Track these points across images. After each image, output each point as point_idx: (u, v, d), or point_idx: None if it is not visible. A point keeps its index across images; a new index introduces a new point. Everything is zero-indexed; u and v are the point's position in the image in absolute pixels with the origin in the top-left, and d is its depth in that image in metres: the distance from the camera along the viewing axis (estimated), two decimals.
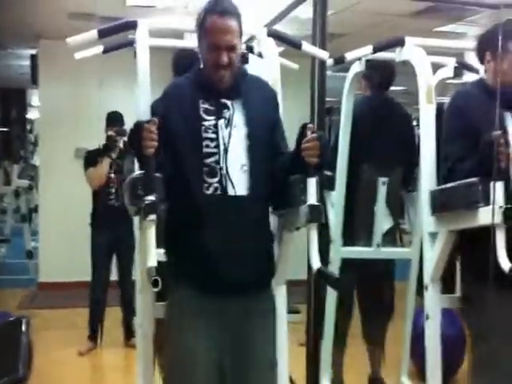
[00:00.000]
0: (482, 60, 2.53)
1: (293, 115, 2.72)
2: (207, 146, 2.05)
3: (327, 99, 3.33)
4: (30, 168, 10.36)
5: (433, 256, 2.47)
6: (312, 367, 3.29)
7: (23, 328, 3.63)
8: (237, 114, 2.11)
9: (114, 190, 4.98)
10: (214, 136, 2.06)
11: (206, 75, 2.13)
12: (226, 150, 2.06)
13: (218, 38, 2.04)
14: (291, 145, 2.13)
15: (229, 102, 2.12)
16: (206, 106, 2.10)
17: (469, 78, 2.80)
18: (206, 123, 2.07)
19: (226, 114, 2.10)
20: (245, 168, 2.07)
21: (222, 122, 2.08)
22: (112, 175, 4.98)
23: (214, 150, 2.05)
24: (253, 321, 2.12)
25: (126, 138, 4.68)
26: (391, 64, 3.41)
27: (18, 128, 12.49)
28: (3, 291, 6.71)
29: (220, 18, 2.04)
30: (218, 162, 2.04)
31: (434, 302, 2.48)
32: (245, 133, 2.09)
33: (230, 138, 2.07)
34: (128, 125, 3.07)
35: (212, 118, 2.08)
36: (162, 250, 2.14)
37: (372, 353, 3.76)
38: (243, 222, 2.06)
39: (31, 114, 13.33)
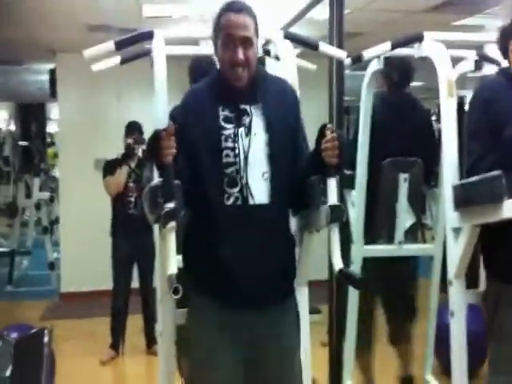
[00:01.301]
0: (505, 50, 2.48)
1: (311, 115, 2.70)
2: (227, 156, 2.03)
3: (345, 98, 3.32)
4: (51, 180, 10.43)
5: (457, 251, 2.43)
6: (335, 367, 3.26)
7: (45, 339, 3.64)
8: (256, 120, 2.07)
9: (133, 199, 5.00)
10: (233, 145, 2.03)
11: (223, 78, 2.10)
12: (246, 159, 2.03)
13: (233, 32, 2.02)
14: (311, 145, 2.11)
15: (248, 107, 2.09)
16: (226, 113, 2.07)
17: (489, 70, 2.76)
18: (226, 132, 2.04)
19: (246, 120, 2.07)
20: (266, 176, 2.04)
21: (241, 130, 2.05)
22: (131, 184, 5.01)
23: (235, 160, 2.02)
24: (275, 332, 2.09)
25: (144, 147, 4.69)
26: (408, 61, 3.39)
27: (38, 142, 12.59)
28: (26, 303, 6.78)
29: (235, 14, 2.03)
30: (238, 172, 2.02)
31: (459, 298, 2.44)
32: (265, 140, 2.06)
33: (250, 146, 2.04)
34: (147, 134, 3.08)
35: (231, 125, 2.05)
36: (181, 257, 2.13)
37: (400, 352, 3.70)
38: (264, 231, 2.03)
39: (51, 128, 13.46)
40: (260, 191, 2.02)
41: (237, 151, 2.03)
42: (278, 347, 2.10)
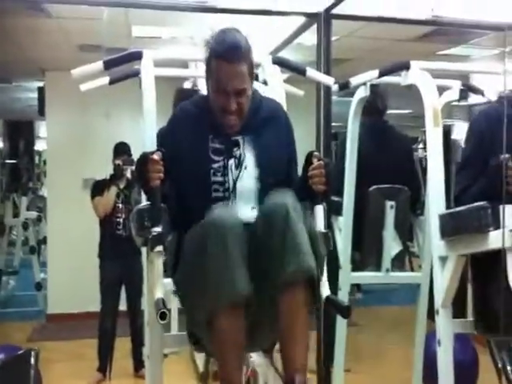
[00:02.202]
0: None
1: (299, 141, 2.70)
2: (216, 191, 2.02)
3: (333, 124, 3.34)
4: (39, 199, 10.39)
5: (443, 280, 2.44)
6: None
7: (32, 361, 3.60)
8: (247, 153, 2.06)
9: (121, 220, 4.97)
10: (222, 179, 2.02)
11: (214, 113, 2.06)
12: (235, 194, 2.02)
13: (226, 84, 1.97)
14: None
15: (239, 138, 2.07)
16: (216, 145, 2.05)
17: (474, 100, 2.79)
18: (215, 165, 2.03)
19: (237, 152, 2.06)
20: (255, 210, 2.01)
21: (231, 163, 2.04)
22: (119, 205, 4.98)
23: (223, 194, 2.02)
24: None
25: (133, 168, 4.68)
26: (384, 88, 3.43)
27: (25, 160, 12.54)
28: (12, 324, 6.69)
29: (228, 65, 1.96)
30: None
31: (446, 327, 2.44)
32: (255, 175, 2.05)
33: (239, 179, 2.03)
34: (135, 154, 3.07)
35: (221, 157, 2.04)
36: (169, 280, 2.11)
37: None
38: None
39: (39, 146, 13.41)
40: (248, 225, 1.95)
41: (226, 185, 2.02)
42: None
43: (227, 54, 1.96)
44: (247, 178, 2.04)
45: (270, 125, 2.13)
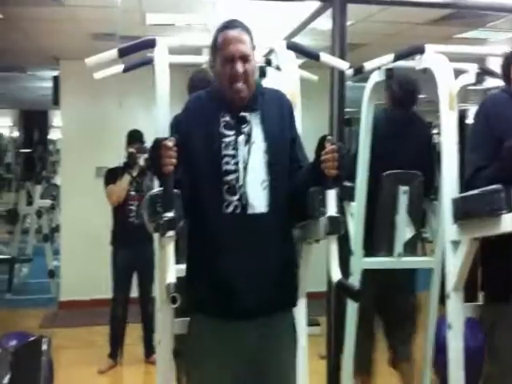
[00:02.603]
0: (507, 74, 2.51)
1: (312, 127, 2.70)
2: (227, 163, 2.04)
3: (347, 110, 3.32)
4: (52, 188, 10.44)
5: (455, 264, 2.42)
6: (333, 380, 3.24)
7: (44, 347, 3.64)
8: (255, 129, 2.10)
9: (134, 208, 4.99)
10: (233, 153, 2.05)
11: (223, 93, 2.12)
12: (245, 168, 2.05)
13: (232, 48, 2.06)
14: (310, 157, 2.12)
15: (247, 115, 2.11)
16: (227, 119, 2.09)
17: (491, 83, 2.76)
18: (227, 139, 2.07)
19: (245, 129, 2.09)
20: (265, 184, 2.05)
21: (241, 138, 2.07)
22: (132, 193, 5.01)
23: (234, 168, 2.04)
24: (271, 342, 2.10)
25: (146, 156, 4.69)
26: (414, 82, 3.40)
27: (40, 149, 12.62)
28: (25, 311, 6.76)
29: (231, 31, 2.08)
30: (237, 180, 2.03)
31: (457, 311, 2.43)
32: (264, 148, 2.08)
33: (249, 154, 2.06)
34: (148, 143, 3.08)
35: (232, 133, 2.08)
36: (181, 266, 2.12)
37: (402, 373, 3.60)
38: (263, 239, 2.04)
39: (53, 135, 13.49)
40: (259, 200, 2.03)
41: (236, 159, 2.05)
42: (277, 360, 2.10)
43: (229, 23, 2.10)
44: (256, 152, 2.07)
45: (274, 107, 2.19)
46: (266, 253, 2.03)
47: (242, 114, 2.11)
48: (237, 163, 2.04)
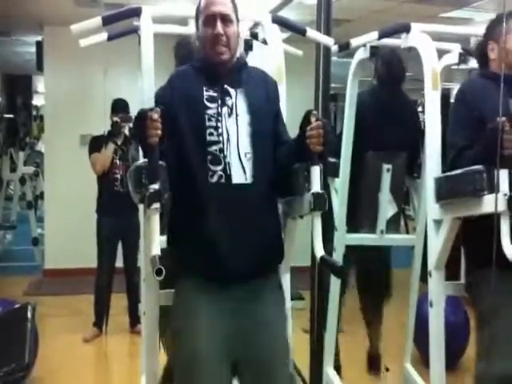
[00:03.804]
0: (485, 52, 2.53)
1: (297, 102, 2.71)
2: (211, 135, 2.06)
3: (332, 85, 3.32)
4: (36, 155, 10.36)
5: (437, 243, 2.46)
6: (316, 353, 3.30)
7: (29, 315, 3.67)
8: (239, 102, 2.12)
9: (119, 177, 4.98)
10: (216, 124, 2.07)
11: (206, 59, 2.15)
12: (228, 139, 2.06)
13: (213, 8, 2.10)
14: (293, 133, 2.12)
15: (231, 90, 2.13)
16: (210, 92, 2.10)
17: (474, 64, 2.77)
18: (210, 111, 2.08)
19: (229, 101, 2.11)
20: (248, 156, 2.07)
21: (225, 111, 2.09)
22: (117, 161, 4.99)
23: (218, 139, 2.06)
24: (261, 299, 2.11)
25: (131, 125, 4.67)
26: (402, 64, 3.41)
27: (23, 115, 12.49)
28: (9, 278, 6.74)
29: None
30: (221, 151, 2.05)
31: (438, 289, 2.47)
32: (248, 121, 2.10)
33: (233, 126, 2.08)
34: (133, 112, 3.06)
35: (215, 105, 2.09)
36: (165, 238, 2.15)
37: (370, 329, 3.90)
38: (248, 209, 2.06)
39: (37, 101, 13.34)
40: (243, 171, 2.05)
41: (220, 130, 2.06)
42: (263, 318, 2.11)
43: None
44: (240, 124, 2.09)
45: (259, 84, 2.21)
46: (251, 222, 2.05)
47: (226, 87, 2.12)
48: (220, 134, 2.06)
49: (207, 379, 2.03)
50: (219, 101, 2.10)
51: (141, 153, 2.07)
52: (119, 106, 5.06)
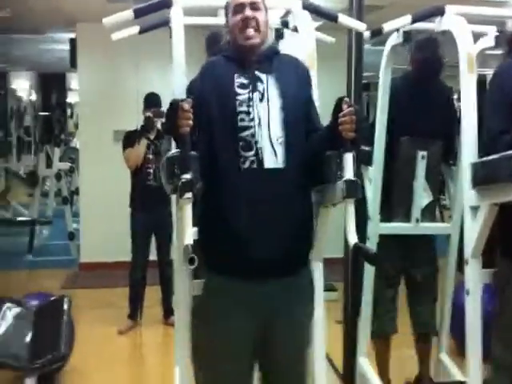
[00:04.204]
0: None
1: (329, 91, 2.67)
2: (242, 120, 2.04)
3: (365, 74, 3.28)
4: (71, 151, 10.49)
5: (474, 230, 2.40)
6: (349, 344, 3.27)
7: (65, 307, 3.73)
8: (271, 88, 2.10)
9: (152, 171, 5.01)
10: (248, 110, 2.05)
11: (237, 47, 2.14)
12: (260, 124, 2.04)
13: None
14: (325, 122, 2.10)
15: (263, 76, 2.11)
16: (241, 79, 2.09)
17: None
18: (241, 97, 2.06)
19: (260, 87, 2.09)
20: (280, 140, 2.04)
21: (256, 96, 2.07)
22: (150, 156, 5.02)
23: (249, 124, 2.04)
24: (288, 297, 2.09)
25: (163, 120, 4.68)
26: (439, 49, 3.32)
27: (58, 112, 12.66)
28: (46, 272, 6.87)
29: None
30: (253, 136, 2.03)
31: (475, 277, 2.43)
32: (279, 105, 2.08)
33: (264, 111, 2.06)
34: (165, 106, 3.06)
35: (246, 91, 2.07)
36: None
37: (421, 346, 3.54)
38: (279, 196, 2.03)
39: (71, 98, 13.49)
40: (275, 155, 2.03)
41: (251, 115, 2.05)
42: (289, 317, 2.10)
43: None
44: (272, 109, 2.07)
45: (291, 70, 2.19)
46: (282, 210, 2.03)
47: (257, 73, 2.11)
48: (252, 119, 2.04)
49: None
50: (250, 86, 2.08)
51: (173, 145, 2.05)
52: (151, 101, 5.09)
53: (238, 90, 2.08)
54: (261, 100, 2.07)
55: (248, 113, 2.05)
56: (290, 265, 2.08)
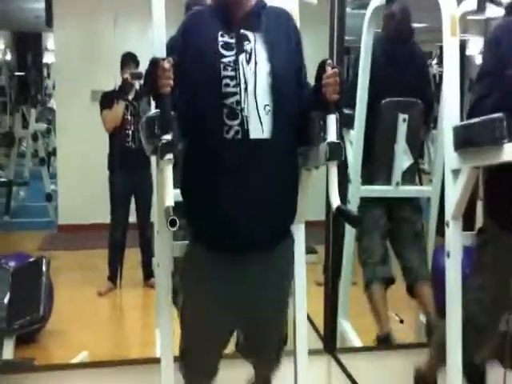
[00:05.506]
0: None
1: (311, 54, 2.64)
2: (227, 85, 1.94)
3: (347, 38, 3.24)
4: (48, 111, 10.32)
5: (455, 193, 2.41)
6: (330, 306, 3.31)
7: (43, 268, 3.70)
8: (259, 48, 1.99)
9: (130, 133, 4.97)
10: (233, 74, 1.95)
11: (220, 1, 2.05)
12: (246, 89, 1.94)
13: None
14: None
15: (250, 34, 2.01)
16: (226, 38, 1.99)
17: (493, 13, 2.70)
18: (226, 60, 1.96)
19: (247, 46, 1.99)
20: (268, 108, 1.96)
21: (242, 57, 1.97)
22: (128, 117, 4.97)
23: (235, 90, 1.94)
24: (270, 263, 2.09)
25: (141, 81, 4.62)
26: (409, 20, 3.32)
27: (34, 72, 12.42)
28: (23, 233, 6.80)
29: None
30: (238, 103, 1.94)
31: (456, 239, 2.44)
32: (268, 69, 1.97)
33: (251, 75, 1.96)
34: (143, 66, 2.99)
35: (232, 53, 1.97)
36: (178, 191, 2.11)
37: (420, 294, 3.54)
38: (265, 167, 1.98)
39: (47, 58, 13.24)
40: (261, 125, 1.95)
41: (237, 80, 1.95)
42: (271, 284, 2.11)
43: None
44: (259, 73, 1.97)
45: (280, 26, 2.08)
46: (266, 183, 1.98)
47: (243, 31, 2.01)
48: (237, 85, 1.94)
49: (210, 344, 2.21)
50: (236, 47, 1.98)
51: (152, 106, 2.00)
52: (128, 60, 5.02)
53: (223, 51, 1.97)
54: (248, 62, 1.97)
55: (233, 77, 1.95)
56: (273, 236, 2.07)
